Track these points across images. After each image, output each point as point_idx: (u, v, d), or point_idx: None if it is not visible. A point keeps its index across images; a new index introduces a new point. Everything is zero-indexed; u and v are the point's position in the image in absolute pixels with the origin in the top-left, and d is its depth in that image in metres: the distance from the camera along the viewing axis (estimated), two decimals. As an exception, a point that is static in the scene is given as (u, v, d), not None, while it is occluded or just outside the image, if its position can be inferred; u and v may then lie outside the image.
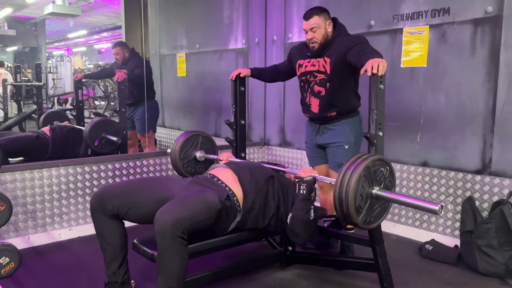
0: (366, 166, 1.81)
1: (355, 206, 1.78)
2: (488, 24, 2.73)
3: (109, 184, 2.34)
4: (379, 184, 1.88)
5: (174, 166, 2.87)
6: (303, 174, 2.16)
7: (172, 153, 2.85)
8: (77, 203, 3.22)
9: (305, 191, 2.12)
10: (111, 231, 2.09)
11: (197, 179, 2.20)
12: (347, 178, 1.79)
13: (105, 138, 4.09)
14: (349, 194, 1.77)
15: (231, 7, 4.55)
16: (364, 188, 1.81)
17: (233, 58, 4.56)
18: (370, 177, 1.84)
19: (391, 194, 1.85)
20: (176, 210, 1.82)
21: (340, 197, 1.79)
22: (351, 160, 1.84)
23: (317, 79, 2.61)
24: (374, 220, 1.91)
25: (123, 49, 4.67)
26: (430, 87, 3.03)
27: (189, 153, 2.87)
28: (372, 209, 1.88)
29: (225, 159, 2.59)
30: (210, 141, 2.98)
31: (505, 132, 2.69)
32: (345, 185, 1.78)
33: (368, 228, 1.92)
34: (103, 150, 4.12)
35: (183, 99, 5.47)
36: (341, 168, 1.85)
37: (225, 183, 2.12)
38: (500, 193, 2.73)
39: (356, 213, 1.79)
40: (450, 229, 2.98)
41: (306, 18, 2.56)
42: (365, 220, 1.86)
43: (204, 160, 2.91)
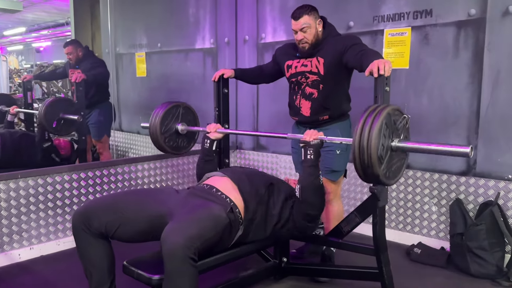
0: (388, 114, 1.69)
1: (378, 155, 1.65)
2: (471, 27, 2.74)
3: (94, 199, 2.09)
4: (398, 136, 1.77)
5: (154, 141, 2.64)
6: (309, 138, 2.04)
7: (152, 127, 2.61)
8: (39, 219, 2.89)
9: (312, 156, 2.00)
10: (98, 253, 1.84)
11: (194, 190, 2.00)
12: (368, 124, 1.65)
13: (64, 118, 3.74)
14: (372, 142, 1.63)
15: (197, 4, 4.34)
16: (385, 137, 1.69)
17: (200, 58, 4.35)
18: (391, 127, 1.72)
19: (414, 144, 1.74)
20: (185, 229, 1.62)
21: (361, 146, 1.65)
22: (370, 108, 1.72)
23: (309, 81, 2.49)
24: (393, 175, 1.79)
25: (76, 48, 4.31)
26: (412, 89, 3.01)
27: (170, 126, 2.64)
28: (391, 163, 1.76)
29: (213, 131, 2.43)
30: (192, 112, 2.77)
31: (490, 134, 2.72)
32: (367, 133, 1.64)
33: (388, 183, 1.79)
34: (63, 132, 3.83)
35: (143, 101, 5.16)
36: (360, 116, 1.71)
37: (225, 194, 1.94)
38: (485, 194, 2.75)
39: (378, 164, 1.66)
40: (435, 231, 2.98)
41: (295, 17, 2.43)
42: (385, 173, 1.73)
43: (186, 133, 2.71)
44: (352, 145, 1.70)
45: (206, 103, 4.32)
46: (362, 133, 1.67)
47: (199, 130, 2.69)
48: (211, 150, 2.44)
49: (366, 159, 1.66)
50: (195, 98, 4.44)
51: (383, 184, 1.80)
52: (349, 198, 3.37)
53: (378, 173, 1.68)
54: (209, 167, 2.40)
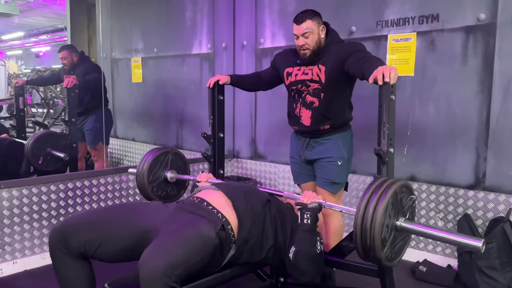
0: (394, 192, 1.55)
1: (381, 237, 1.51)
2: (480, 32, 2.60)
3: (73, 216, 1.93)
4: (404, 215, 1.63)
5: (141, 190, 2.48)
6: (307, 200, 1.86)
7: (139, 175, 2.45)
8: (23, 231, 2.73)
9: (309, 221, 1.82)
10: (76, 274, 1.68)
11: (183, 204, 1.84)
12: (372, 205, 1.52)
13: (51, 154, 3.59)
14: (376, 223, 1.49)
15: (194, 9, 4.21)
16: (390, 218, 1.55)
17: (197, 64, 4.22)
18: (397, 206, 1.59)
19: (422, 227, 1.59)
20: (166, 253, 1.46)
21: (364, 227, 1.52)
22: (377, 183, 1.58)
23: (310, 89, 2.35)
24: (395, 256, 1.65)
25: (71, 53, 4.19)
26: (418, 98, 2.87)
27: (159, 174, 2.49)
28: (394, 243, 1.62)
29: (204, 181, 2.25)
30: (181, 159, 2.62)
31: (500, 145, 2.57)
32: (371, 213, 1.51)
33: (390, 265, 1.66)
34: (49, 168, 3.62)
35: (139, 108, 5.03)
36: (364, 192, 1.58)
37: (216, 208, 1.78)
38: (495, 210, 2.60)
39: (381, 246, 1.53)
40: (441, 247, 2.82)
41: (297, 22, 2.29)
42: (388, 255, 1.59)
43: (176, 181, 2.55)
44: (354, 222, 1.56)
45: (202, 110, 4.19)
46: (365, 213, 1.53)
47: (189, 179, 2.51)
48: None
49: (368, 241, 1.52)
50: (191, 104, 4.32)
51: (384, 265, 1.70)
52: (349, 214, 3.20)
53: (380, 256, 1.54)
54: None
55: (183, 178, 2.54)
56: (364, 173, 3.11)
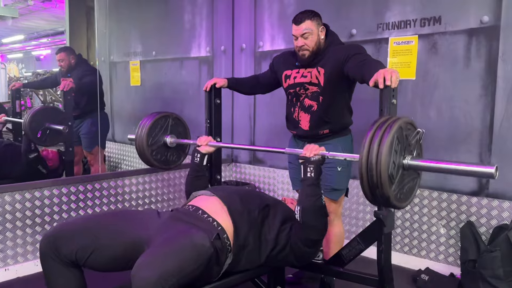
0: (399, 127, 1.47)
1: (388, 173, 1.43)
2: (484, 35, 2.55)
3: (64, 222, 1.88)
4: (410, 153, 1.55)
5: (140, 154, 2.44)
6: (309, 154, 1.81)
7: (138, 139, 2.41)
8: (15, 237, 2.67)
9: (313, 174, 1.78)
10: (67, 283, 1.63)
11: (177, 213, 1.78)
12: (377, 139, 1.43)
13: (50, 128, 3.55)
14: (382, 158, 1.41)
15: (193, 11, 4.16)
16: (397, 153, 1.47)
17: (195, 67, 4.16)
18: (403, 142, 1.51)
19: (429, 162, 1.51)
20: (158, 264, 1.40)
21: (370, 163, 1.43)
22: (380, 121, 1.51)
23: (308, 92, 2.29)
24: (405, 197, 1.57)
25: (68, 55, 4.14)
26: (419, 102, 2.81)
27: (158, 138, 2.44)
28: (402, 183, 1.54)
29: (204, 144, 2.22)
30: (182, 124, 2.57)
31: (504, 151, 2.51)
32: (375, 149, 1.43)
33: (400, 206, 1.56)
34: (48, 143, 3.62)
35: (137, 111, 4.96)
36: (368, 129, 1.50)
37: (212, 216, 1.71)
38: (499, 217, 2.53)
39: (388, 183, 1.44)
40: (443, 255, 2.75)
41: (296, 22, 2.23)
42: (396, 194, 1.50)
43: (176, 146, 2.50)
44: (359, 161, 1.48)
45: (201, 113, 4.11)
46: (370, 149, 1.45)
47: (189, 143, 2.49)
48: (201, 165, 2.23)
49: (375, 178, 1.44)
50: (189, 108, 4.25)
51: (394, 207, 1.58)
52: (350, 217, 3.14)
53: (388, 194, 1.45)
54: (200, 183, 2.19)
55: (183, 143, 2.50)
56: (365, 179, 3.04)
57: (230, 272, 1.77)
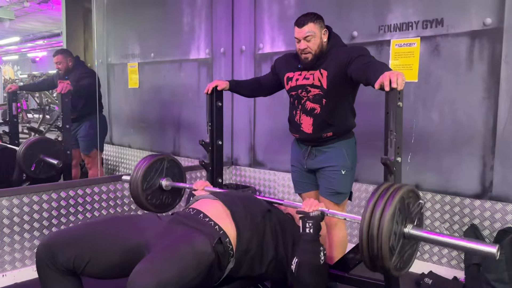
0: (401, 197, 1.45)
1: (389, 246, 1.41)
2: (486, 37, 2.53)
3: (61, 230, 1.84)
4: (411, 222, 1.54)
5: (135, 198, 2.38)
6: (308, 209, 1.76)
7: (133, 182, 2.35)
8: (13, 242, 2.63)
9: (312, 230, 1.73)
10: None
11: (178, 216, 1.74)
12: (379, 211, 1.41)
13: (44, 160, 3.49)
14: (383, 231, 1.39)
15: (192, 13, 4.13)
16: (398, 225, 1.45)
17: (194, 69, 4.13)
18: (404, 212, 1.49)
19: (432, 234, 1.49)
20: (157, 271, 1.36)
21: (371, 235, 1.41)
22: (382, 188, 1.48)
23: (310, 95, 2.26)
24: (404, 265, 1.55)
25: (66, 58, 4.11)
26: (421, 104, 2.79)
27: (153, 181, 2.39)
28: (403, 252, 1.52)
29: (201, 189, 2.16)
30: (177, 166, 2.52)
31: (508, 153, 2.49)
32: (377, 220, 1.40)
33: (399, 275, 1.55)
34: (42, 176, 3.51)
35: (135, 114, 4.94)
36: (369, 198, 1.48)
37: (213, 220, 1.67)
38: (502, 220, 2.51)
39: (389, 255, 1.42)
40: (446, 258, 2.73)
41: (299, 25, 2.21)
42: (396, 264, 1.49)
43: (171, 189, 2.46)
44: (359, 232, 1.46)
45: (200, 116, 4.11)
46: (372, 219, 1.42)
47: (185, 187, 2.41)
48: None
49: (375, 250, 1.41)
50: (188, 110, 4.23)
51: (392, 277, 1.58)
52: (353, 221, 3.11)
53: (388, 267, 1.43)
54: None
55: (179, 186, 2.45)
56: (366, 182, 3.02)
57: (231, 277, 1.73)
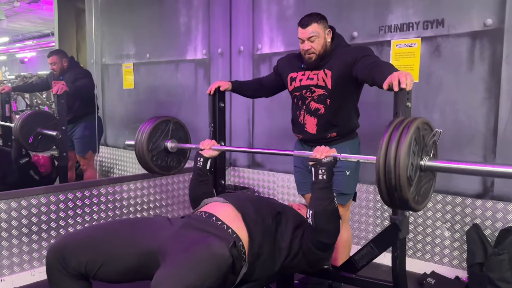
0: (417, 128, 1.43)
1: (407, 175, 1.39)
2: (487, 38, 2.55)
3: (72, 232, 1.81)
4: (427, 154, 1.51)
5: (140, 159, 2.35)
6: (320, 155, 1.77)
7: (138, 144, 2.32)
8: (11, 246, 2.58)
9: (325, 176, 1.73)
10: (75, 297, 1.55)
11: (190, 220, 1.72)
12: (395, 141, 1.39)
13: (42, 133, 3.44)
14: (401, 160, 1.36)
15: (189, 14, 4.10)
16: (415, 155, 1.44)
17: (191, 70, 4.10)
18: (420, 143, 1.47)
19: (449, 162, 1.47)
20: (180, 277, 1.34)
21: (388, 165, 1.39)
22: (396, 121, 1.47)
23: (315, 95, 2.25)
24: (422, 199, 1.53)
25: (60, 58, 4.05)
26: (422, 105, 2.80)
27: (159, 143, 2.37)
28: (420, 185, 1.50)
29: (208, 148, 2.14)
30: (183, 129, 2.49)
31: (509, 153, 2.51)
32: (394, 150, 1.38)
33: (417, 208, 1.52)
34: (40, 149, 3.52)
35: (130, 114, 4.88)
36: (384, 130, 1.46)
37: (226, 224, 1.66)
38: (504, 219, 2.53)
39: (407, 185, 1.40)
40: (448, 258, 2.74)
41: (303, 25, 2.20)
42: (414, 197, 1.46)
43: (176, 151, 2.43)
44: (376, 163, 1.44)
45: (197, 117, 4.07)
46: (388, 150, 1.40)
47: (191, 147, 2.42)
48: (205, 169, 2.17)
49: (393, 180, 1.39)
50: (186, 111, 4.19)
51: (411, 210, 1.53)
52: (359, 222, 3.11)
53: (407, 197, 1.41)
54: (204, 188, 2.12)
55: (185, 147, 2.43)
56: (367, 182, 3.02)
57: (245, 281, 1.72)
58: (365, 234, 3.08)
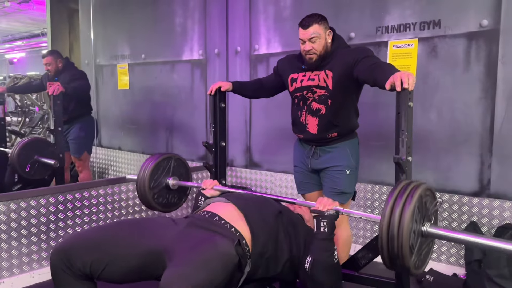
0: (420, 196, 1.46)
1: (409, 244, 1.42)
2: (483, 38, 2.59)
3: (76, 233, 1.79)
4: (429, 220, 1.56)
5: (141, 197, 2.36)
6: (323, 208, 1.78)
7: (140, 181, 2.33)
8: (10, 248, 2.56)
9: (327, 229, 1.74)
10: (80, 297, 1.55)
11: (193, 219, 1.73)
12: (398, 210, 1.42)
13: (39, 161, 3.42)
14: (404, 230, 1.40)
15: (185, 15, 4.11)
16: (417, 223, 1.47)
17: (188, 70, 4.11)
18: (422, 211, 1.51)
19: (451, 232, 1.51)
20: (189, 276, 1.35)
21: (391, 234, 1.42)
22: (401, 186, 1.50)
23: (316, 95, 2.27)
24: (421, 264, 1.57)
25: (55, 59, 4.04)
26: (420, 104, 2.83)
27: (160, 180, 2.37)
28: (420, 250, 1.54)
29: (210, 188, 2.14)
30: (184, 165, 2.51)
31: (505, 152, 2.56)
32: (397, 219, 1.42)
33: (417, 273, 1.56)
34: (36, 176, 3.44)
35: (125, 115, 4.87)
36: (388, 196, 1.49)
37: (229, 223, 1.67)
38: (500, 217, 2.58)
39: (409, 254, 1.44)
40: (445, 255, 2.78)
41: (304, 26, 2.22)
42: (415, 263, 1.50)
43: (178, 188, 2.44)
44: (379, 231, 1.47)
45: (193, 117, 4.09)
46: (392, 218, 1.43)
47: (193, 185, 2.41)
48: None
49: (396, 249, 1.43)
50: (182, 112, 4.20)
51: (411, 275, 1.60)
52: (357, 221, 3.14)
53: (408, 265, 1.45)
54: None
55: (186, 185, 2.43)
56: (365, 181, 3.05)
57: (248, 279, 1.73)
58: (364, 233, 3.11)
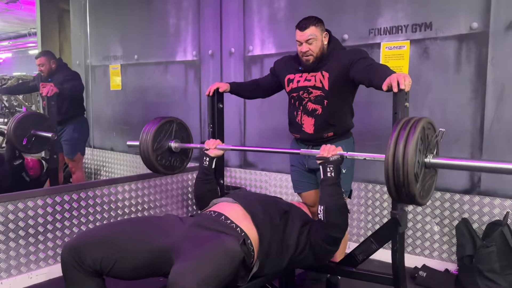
0: (422, 128, 1.53)
1: (414, 172, 1.48)
2: (473, 41, 2.67)
3: (86, 231, 1.83)
4: (431, 152, 1.61)
5: (145, 160, 2.39)
6: (327, 154, 1.84)
7: (143, 144, 2.36)
8: (8, 249, 2.56)
9: (333, 173, 1.81)
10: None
11: (200, 219, 1.77)
12: (402, 140, 1.48)
13: (36, 135, 3.42)
14: (409, 158, 1.46)
15: (178, 15, 4.13)
16: (420, 152, 1.53)
17: (181, 71, 4.13)
18: (425, 142, 1.57)
19: (451, 160, 1.58)
20: (198, 270, 1.39)
21: (396, 162, 1.48)
22: (403, 121, 1.56)
23: (312, 96, 2.32)
24: (426, 194, 1.63)
25: (49, 60, 4.02)
26: (412, 105, 2.84)
27: (163, 143, 2.41)
28: (424, 181, 1.60)
29: (213, 147, 2.20)
30: (185, 129, 2.55)
31: (494, 150, 2.63)
32: (402, 148, 1.48)
33: (422, 203, 1.61)
34: (34, 150, 3.49)
35: (117, 116, 4.87)
36: (392, 129, 1.55)
37: (235, 223, 1.72)
38: (490, 214, 2.66)
39: (414, 181, 1.49)
40: (437, 252, 2.85)
41: (301, 28, 2.27)
42: (420, 192, 1.56)
43: (180, 151, 2.48)
44: (385, 161, 1.53)
45: (187, 119, 4.05)
46: (396, 149, 1.50)
47: (196, 146, 2.46)
48: (210, 168, 2.22)
49: (401, 177, 1.49)
50: (175, 113, 4.13)
51: (417, 204, 1.63)
52: (351, 219, 3.18)
53: (414, 192, 1.51)
54: (209, 186, 2.18)
55: (189, 147, 2.48)
56: (359, 180, 3.11)
57: (253, 276, 1.77)
58: (357, 230, 3.17)
